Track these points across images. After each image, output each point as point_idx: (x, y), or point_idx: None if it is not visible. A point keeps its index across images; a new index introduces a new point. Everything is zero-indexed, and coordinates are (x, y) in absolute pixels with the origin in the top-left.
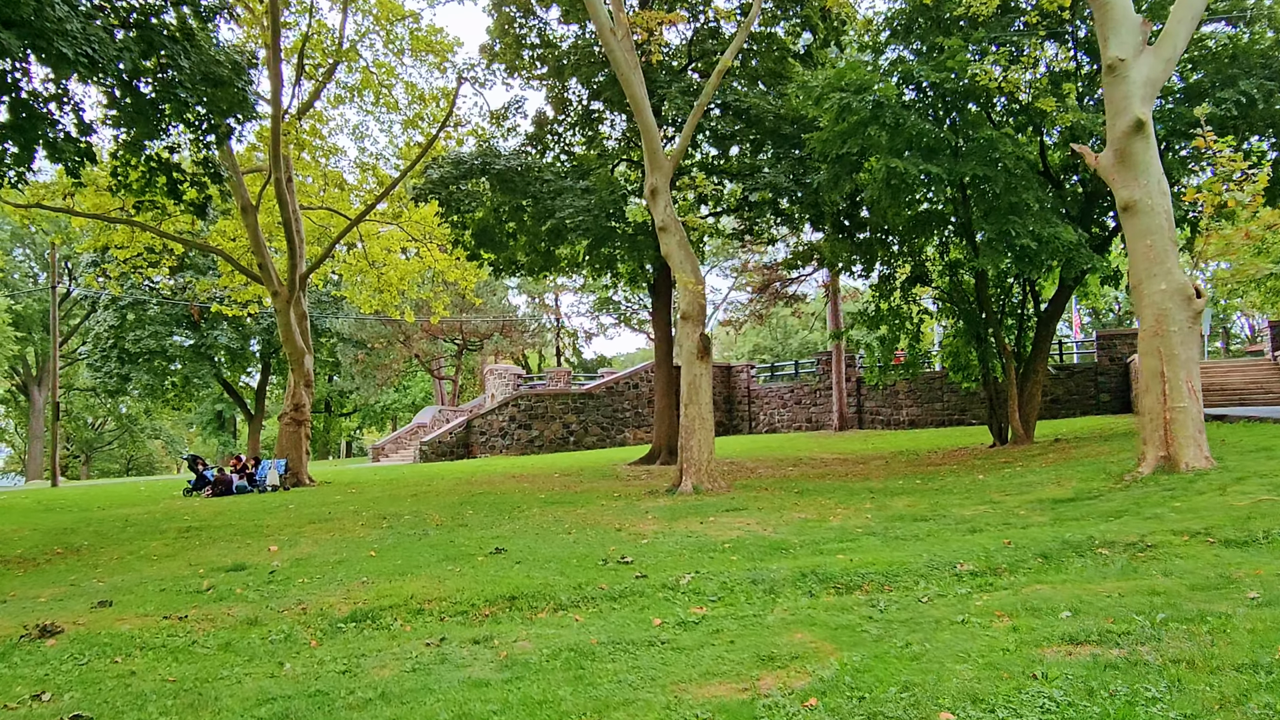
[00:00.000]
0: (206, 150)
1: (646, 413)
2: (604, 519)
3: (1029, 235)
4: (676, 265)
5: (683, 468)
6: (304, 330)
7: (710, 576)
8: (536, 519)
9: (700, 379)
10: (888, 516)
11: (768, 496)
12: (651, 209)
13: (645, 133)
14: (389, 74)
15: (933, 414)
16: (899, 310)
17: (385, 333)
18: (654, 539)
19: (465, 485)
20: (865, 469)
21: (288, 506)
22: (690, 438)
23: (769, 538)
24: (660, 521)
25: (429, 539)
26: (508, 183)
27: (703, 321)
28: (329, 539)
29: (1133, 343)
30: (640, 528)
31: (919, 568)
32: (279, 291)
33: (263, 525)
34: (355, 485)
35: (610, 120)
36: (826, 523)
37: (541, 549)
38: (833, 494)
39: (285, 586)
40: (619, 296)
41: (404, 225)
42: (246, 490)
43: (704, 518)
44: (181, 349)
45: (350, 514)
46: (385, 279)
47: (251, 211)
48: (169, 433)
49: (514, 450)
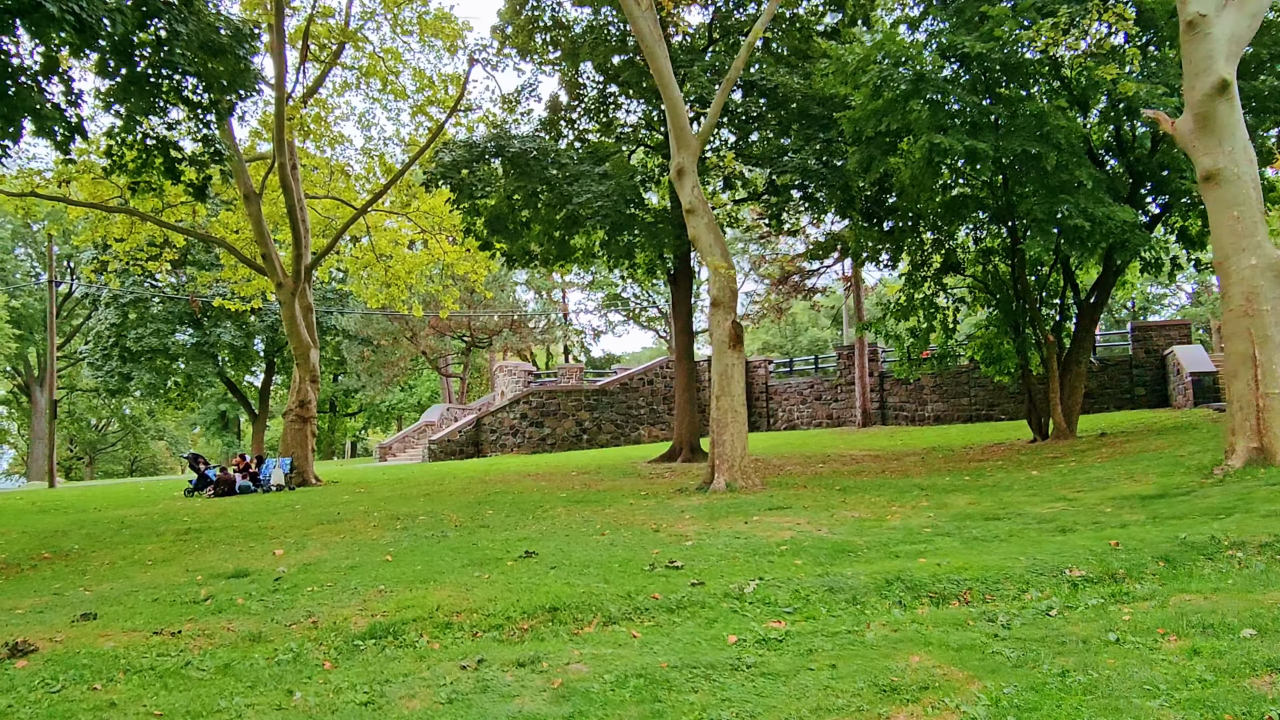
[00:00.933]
0: (206, 128)
1: (662, 410)
2: (637, 519)
3: (1081, 215)
4: (705, 249)
5: (714, 464)
6: (310, 324)
7: (777, 584)
8: (563, 519)
9: (732, 369)
10: (953, 515)
11: (809, 494)
12: (678, 190)
13: (671, 109)
14: (396, 59)
15: (959, 409)
16: (934, 300)
17: (392, 329)
18: (699, 540)
19: (479, 484)
20: (901, 465)
21: (293, 507)
22: (722, 432)
23: (828, 539)
24: (700, 521)
25: (449, 541)
26: (522, 167)
27: (734, 308)
28: (339, 542)
29: (1169, 335)
30: (680, 528)
31: (1019, 573)
32: (284, 283)
33: (267, 527)
34: (363, 485)
35: (626, 106)
36: (885, 522)
37: (576, 552)
38: (879, 491)
39: (293, 596)
40: (628, 293)
41: (412, 216)
42: (250, 490)
43: (747, 517)
44: (184, 347)
45: (360, 514)
46: (393, 272)
47: (254, 199)
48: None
49: (525, 449)
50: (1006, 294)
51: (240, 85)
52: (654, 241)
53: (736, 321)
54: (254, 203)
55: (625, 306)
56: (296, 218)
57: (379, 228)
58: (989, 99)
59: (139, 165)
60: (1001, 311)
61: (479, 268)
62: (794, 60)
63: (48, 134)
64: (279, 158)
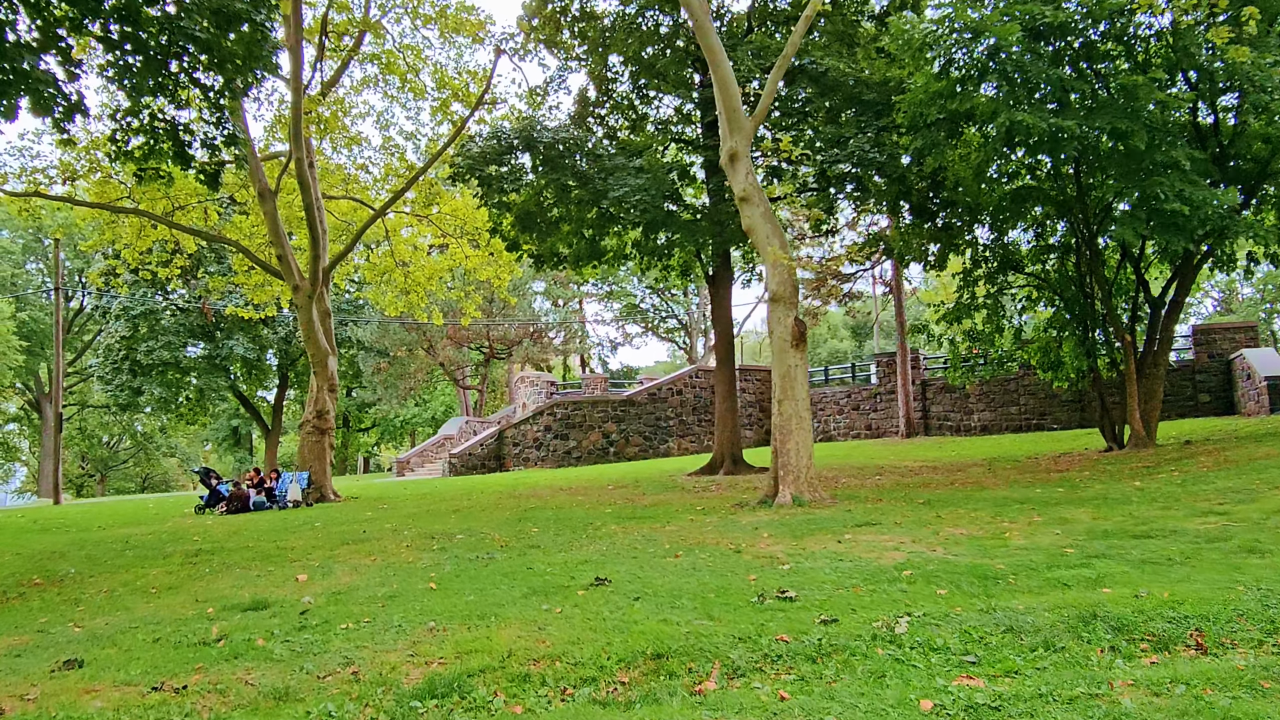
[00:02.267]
0: (219, 111)
1: (691, 421)
2: (707, 537)
3: (1177, 199)
4: (762, 240)
5: (777, 475)
6: (328, 329)
7: (933, 621)
8: (621, 539)
9: (796, 371)
10: (1085, 533)
11: (892, 509)
12: (730, 177)
13: (722, 87)
14: (416, 56)
15: (1007, 419)
16: (999, 298)
17: (409, 340)
18: (795, 564)
19: (511, 499)
20: (969, 476)
21: (313, 524)
22: (786, 440)
23: (955, 562)
24: (783, 540)
25: (498, 564)
26: (553, 160)
27: (796, 303)
28: (370, 565)
29: (1234, 338)
30: (763, 548)
31: (1252, 608)
32: (300, 285)
33: (286, 547)
34: (385, 500)
35: (656, 102)
36: (1008, 541)
37: (654, 578)
38: (970, 505)
39: (324, 635)
40: (646, 304)
41: (434, 219)
42: (265, 506)
43: (836, 535)
44: (196, 360)
45: (389, 533)
46: (413, 279)
47: (269, 197)
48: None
49: (549, 462)
50: (1073, 292)
51: (257, 61)
52: (694, 239)
53: (799, 319)
54: (269, 201)
55: (644, 318)
56: (314, 216)
57: (398, 232)
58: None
59: (146, 151)
60: (1068, 311)
61: (503, 272)
62: (839, 48)
63: (45, 110)
64: (296, 152)
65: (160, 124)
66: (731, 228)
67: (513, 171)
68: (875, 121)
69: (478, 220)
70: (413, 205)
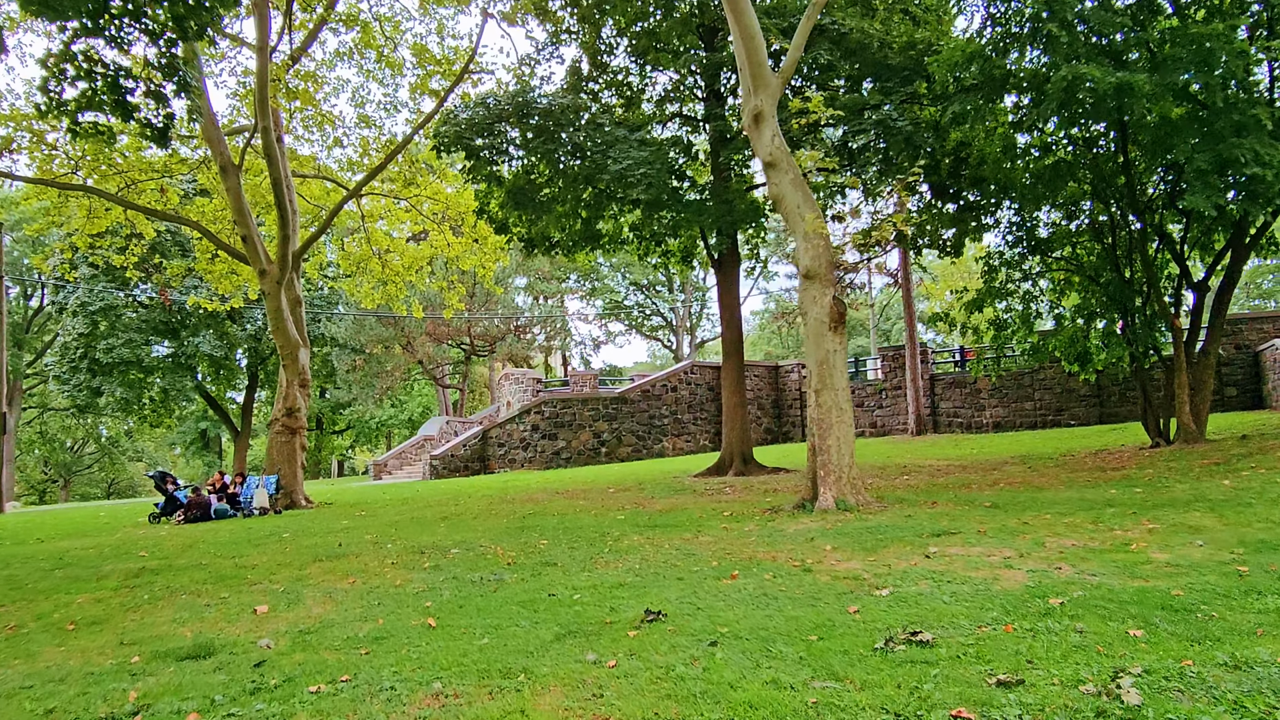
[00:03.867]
0: (169, 57)
1: (687, 419)
2: (755, 550)
3: (1257, 162)
4: (791, 210)
5: (816, 475)
6: (298, 319)
7: (1169, 684)
8: (651, 553)
9: (835, 356)
10: (1239, 544)
11: (960, 514)
12: (753, 141)
13: (747, 39)
14: (395, 29)
15: (1022, 415)
16: (1036, 281)
17: (386, 336)
18: (892, 587)
19: (504, 504)
20: (1006, 475)
21: (281, 536)
22: (826, 436)
23: (1107, 586)
24: (854, 554)
25: (509, 590)
26: (548, 132)
27: (832, 279)
28: (348, 590)
29: (1261, 328)
30: (836, 565)
31: None
32: (267, 270)
33: (246, 565)
34: (362, 507)
35: (654, 76)
36: (1141, 554)
37: (720, 610)
38: (1048, 509)
39: (285, 706)
40: (630, 301)
41: (414, 202)
42: (228, 514)
43: (915, 547)
44: (159, 360)
45: (369, 546)
46: (391, 268)
47: (233, 171)
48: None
49: (537, 464)
50: (1110, 275)
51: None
52: (701, 218)
53: (838, 297)
54: (232, 176)
55: (628, 316)
56: (283, 194)
57: (375, 218)
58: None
59: (83, 101)
60: (1105, 295)
61: (487, 261)
62: (859, 10)
63: None
64: (262, 121)
65: (99, 70)
66: (740, 207)
67: (503, 142)
68: (902, 88)
69: (461, 204)
70: (392, 185)
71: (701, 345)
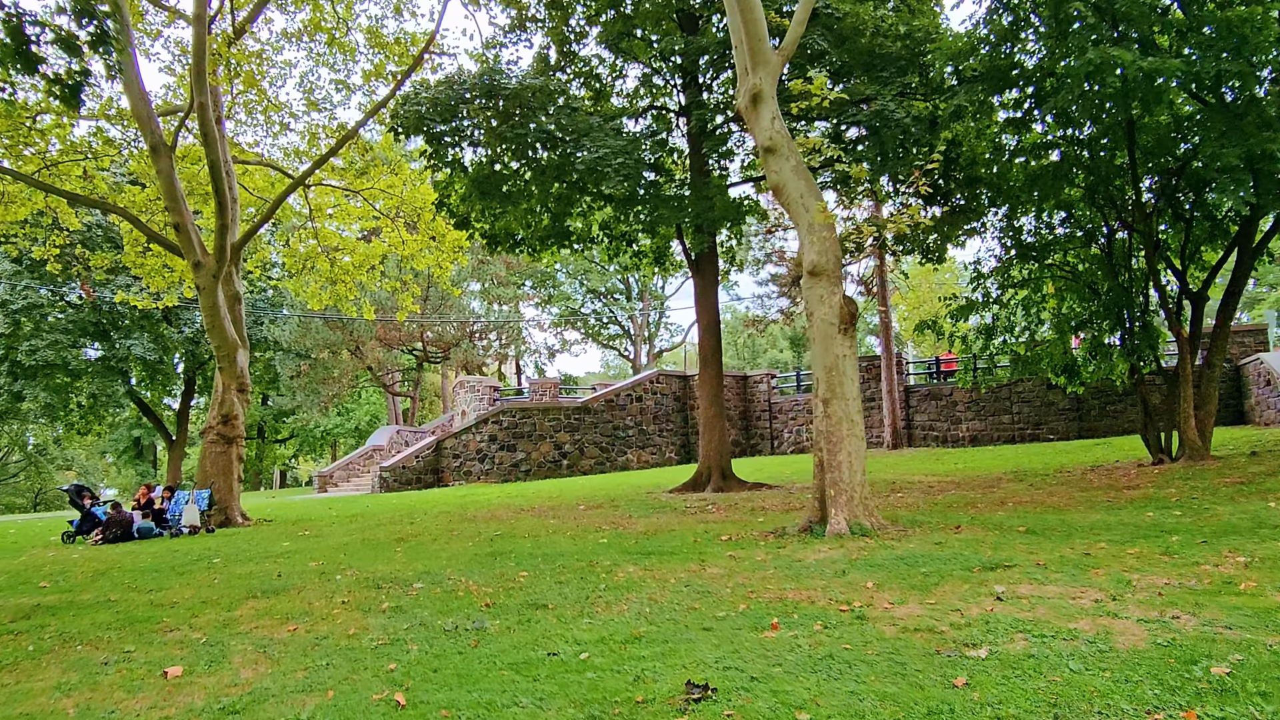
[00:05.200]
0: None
1: (652, 431)
2: (781, 588)
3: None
4: (793, 200)
5: (825, 495)
6: (237, 316)
7: None
8: (655, 590)
9: (844, 362)
10: None
11: (998, 541)
12: (750, 124)
13: (746, 10)
14: (347, 10)
15: (999, 429)
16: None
17: (333, 340)
18: (989, 645)
19: (466, 524)
20: (1008, 494)
21: (211, 561)
22: (836, 450)
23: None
24: (905, 594)
25: (495, 643)
26: (514, 116)
27: (840, 277)
28: (288, 641)
29: (1242, 342)
30: (887, 607)
31: None
32: (203, 263)
33: (164, 603)
34: (306, 524)
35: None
36: (1266, 597)
37: (782, 680)
38: (1090, 535)
39: None
40: (587, 309)
41: (367, 195)
42: (154, 533)
43: (972, 584)
44: (88, 363)
45: (314, 577)
46: (340, 266)
47: (164, 151)
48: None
49: (494, 476)
50: (1111, 282)
51: None
52: (679, 215)
53: (849, 296)
54: (164, 157)
55: (584, 324)
56: (221, 178)
57: (324, 210)
58: None
59: None
60: (1102, 304)
61: (445, 260)
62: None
63: None
64: (199, 97)
65: None
66: (720, 204)
67: (468, 126)
68: (898, 79)
69: (418, 199)
70: (343, 176)
71: (660, 355)
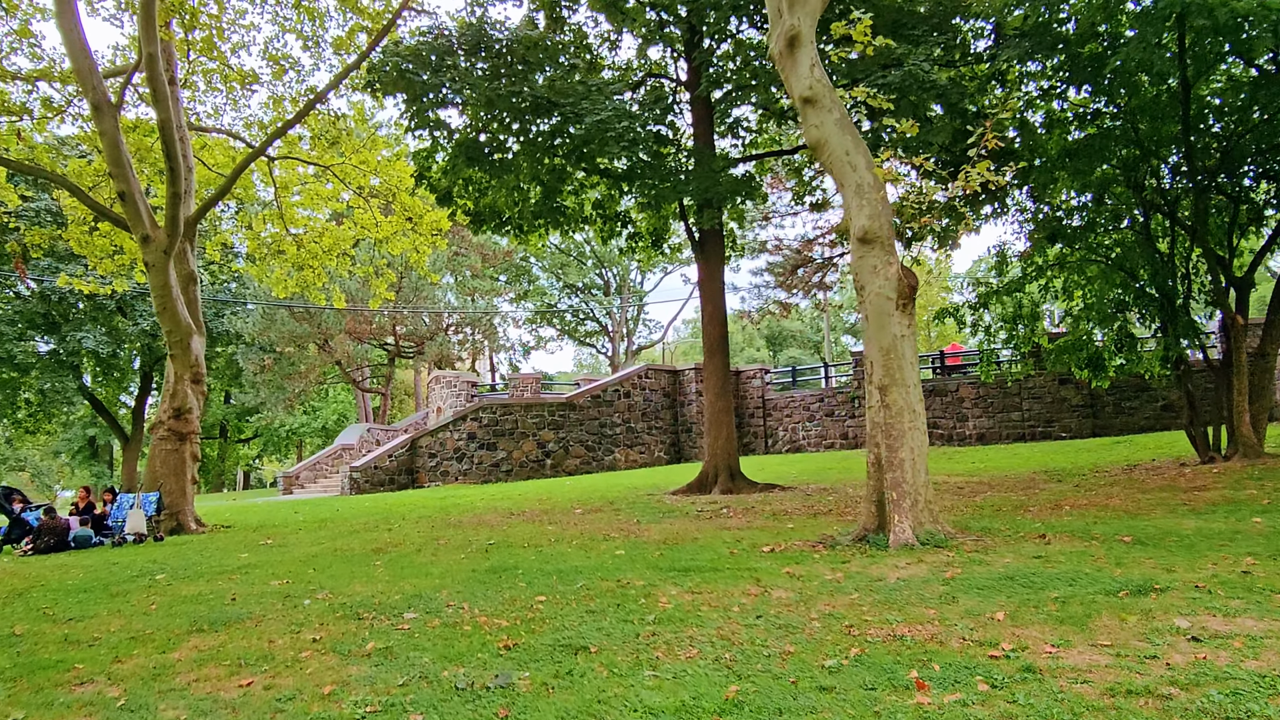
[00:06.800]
0: None
1: (640, 428)
2: (882, 620)
3: None
4: (836, 159)
5: (884, 498)
6: (191, 298)
7: None
8: (719, 622)
9: (902, 343)
10: None
11: (1114, 555)
12: (785, 72)
13: None
14: None
15: (1008, 426)
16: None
17: (300, 333)
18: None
19: (451, 530)
20: (1051, 496)
21: (154, 577)
22: (897, 447)
23: None
24: (1061, 630)
25: (532, 713)
26: (503, 75)
27: (893, 245)
28: (238, 707)
29: (1256, 333)
30: (1052, 650)
31: None
32: (152, 237)
33: (84, 638)
34: (269, 531)
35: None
36: None
37: None
38: (1212, 547)
39: None
40: (563, 305)
41: (337, 170)
42: (92, 542)
43: (1136, 616)
44: (37, 357)
45: (277, 602)
46: (307, 250)
47: (108, 111)
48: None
49: (474, 477)
50: (1158, 264)
51: None
52: (687, 187)
53: (906, 266)
54: (108, 117)
55: (560, 320)
56: (174, 143)
57: (290, 187)
58: None
59: None
60: (1139, 290)
61: (422, 244)
62: None
63: None
64: (147, 48)
65: None
66: (727, 179)
67: (455, 80)
68: (931, 37)
69: (393, 178)
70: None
71: (638, 351)
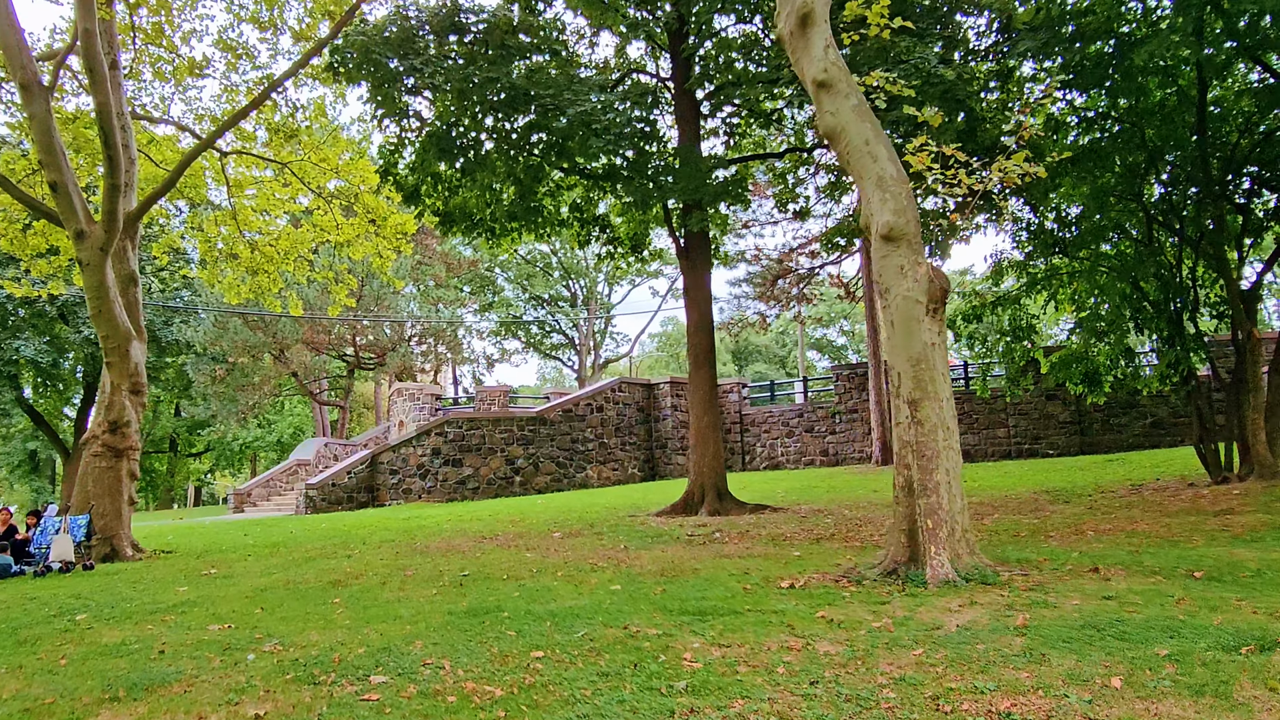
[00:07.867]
0: None
1: (614, 444)
2: (972, 688)
3: None
4: (857, 148)
5: (916, 526)
6: (132, 300)
7: None
8: (767, 692)
9: (933, 352)
10: None
11: (1199, 595)
12: (797, 55)
13: None
14: None
15: (994, 443)
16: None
17: (254, 343)
18: None
19: (419, 558)
20: (1065, 519)
21: (74, 620)
22: (931, 468)
23: None
24: (1198, 708)
25: None
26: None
27: (920, 244)
28: None
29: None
30: None
31: None
32: (87, 232)
33: None
34: (214, 558)
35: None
36: None
37: None
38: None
39: None
40: (529, 316)
41: (297, 168)
42: (11, 572)
43: None
44: None
45: (215, 654)
46: (262, 253)
47: (39, 93)
48: None
49: (438, 495)
50: (1166, 275)
51: None
52: (675, 188)
53: (936, 268)
54: (39, 99)
55: (526, 332)
56: (113, 130)
57: (242, 189)
58: None
59: None
60: (1144, 302)
61: (385, 248)
62: None
63: None
64: (83, 23)
65: None
66: (714, 182)
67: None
68: (936, 29)
69: (356, 177)
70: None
71: (605, 365)
